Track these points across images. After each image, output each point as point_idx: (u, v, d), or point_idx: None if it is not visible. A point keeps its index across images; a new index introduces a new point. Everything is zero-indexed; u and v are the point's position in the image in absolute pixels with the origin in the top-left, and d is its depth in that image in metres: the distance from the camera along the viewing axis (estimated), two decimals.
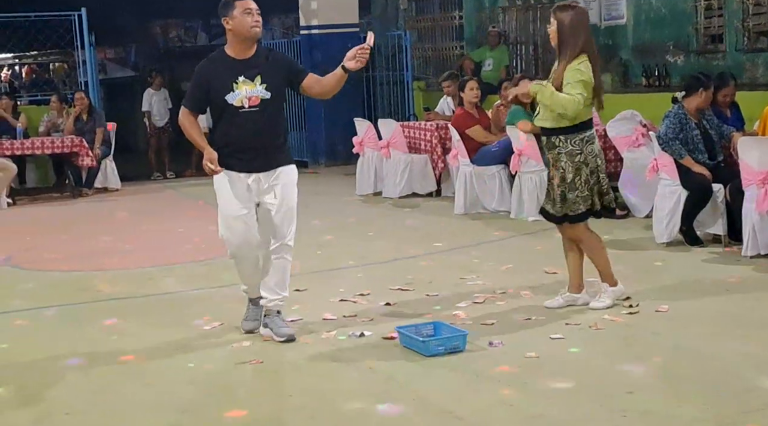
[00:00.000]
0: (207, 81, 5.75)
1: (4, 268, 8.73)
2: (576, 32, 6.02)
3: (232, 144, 5.74)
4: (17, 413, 4.84)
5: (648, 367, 5.06)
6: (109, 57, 23.31)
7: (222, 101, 5.69)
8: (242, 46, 5.74)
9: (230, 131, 5.75)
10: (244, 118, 5.69)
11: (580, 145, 6.07)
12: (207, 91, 5.75)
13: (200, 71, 5.80)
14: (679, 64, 11.91)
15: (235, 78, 5.67)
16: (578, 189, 6.11)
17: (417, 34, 17.43)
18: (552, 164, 6.20)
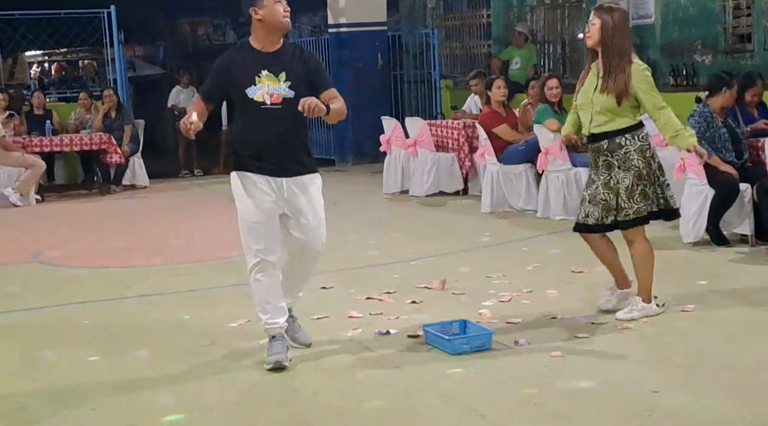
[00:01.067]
0: (227, 71, 5.37)
1: (33, 264, 8.81)
2: (624, 34, 5.93)
3: (250, 144, 5.34)
4: (44, 410, 4.89)
5: (673, 367, 5.06)
6: (137, 54, 23.43)
7: (242, 95, 5.28)
8: (270, 37, 5.34)
9: (248, 129, 5.33)
10: (265, 115, 5.27)
11: (647, 139, 5.99)
12: (224, 81, 5.37)
13: (221, 60, 5.43)
14: (707, 64, 11.84)
15: (258, 71, 5.27)
16: (654, 183, 5.98)
17: (445, 32, 17.43)
18: (618, 167, 5.93)
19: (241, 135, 5.41)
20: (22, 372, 5.51)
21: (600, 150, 5.99)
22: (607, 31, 5.87)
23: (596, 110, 5.94)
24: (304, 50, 5.62)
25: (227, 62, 5.41)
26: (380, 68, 16.12)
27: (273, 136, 5.30)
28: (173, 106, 16.54)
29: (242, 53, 5.43)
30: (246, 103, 5.30)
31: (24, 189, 12.80)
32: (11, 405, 4.96)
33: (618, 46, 5.88)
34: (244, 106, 5.33)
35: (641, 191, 5.93)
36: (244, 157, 5.38)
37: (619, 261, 6.24)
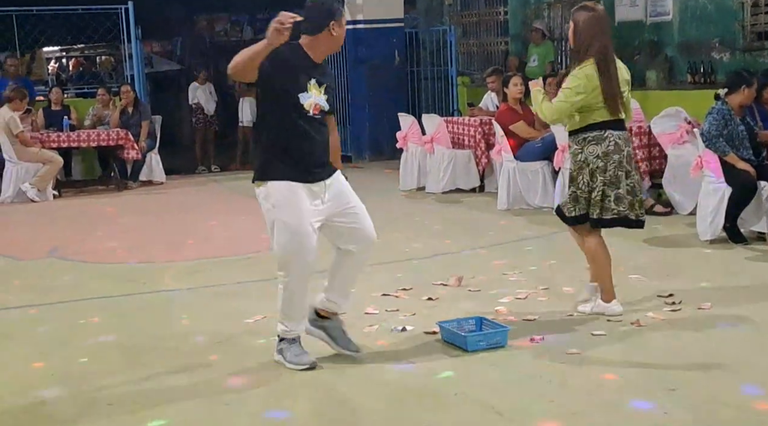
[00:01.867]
0: (285, 67, 5.16)
1: (50, 259, 8.85)
2: (589, 35, 5.93)
3: (298, 152, 5.20)
4: (63, 404, 4.91)
5: (690, 365, 5.05)
6: (155, 50, 23.50)
7: (293, 98, 5.17)
8: (326, 52, 5.37)
9: (296, 136, 5.20)
10: (312, 124, 5.21)
11: (582, 145, 5.99)
12: (277, 72, 5.12)
13: (281, 54, 5.08)
14: (724, 61, 11.81)
15: (309, 79, 5.21)
16: (579, 188, 6.04)
17: (462, 29, 17.42)
18: (578, 166, 6.06)
19: (287, 143, 5.22)
20: (40, 366, 5.54)
21: (570, 148, 6.14)
22: (577, 31, 5.98)
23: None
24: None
25: (286, 58, 5.17)
26: (397, 65, 16.14)
27: (320, 146, 5.29)
28: (196, 104, 16.57)
29: (297, 56, 5.27)
30: (295, 109, 5.19)
31: (41, 184, 12.86)
32: (32, 399, 4.99)
33: (584, 47, 5.95)
34: (290, 110, 5.20)
35: (571, 192, 6.07)
36: (288, 165, 5.21)
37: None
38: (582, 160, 5.99)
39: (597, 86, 5.88)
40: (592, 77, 5.87)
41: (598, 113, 5.95)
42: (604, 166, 5.94)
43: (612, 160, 5.94)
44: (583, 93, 5.87)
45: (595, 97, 5.90)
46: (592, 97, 5.90)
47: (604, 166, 5.94)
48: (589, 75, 5.88)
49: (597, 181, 5.96)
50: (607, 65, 5.92)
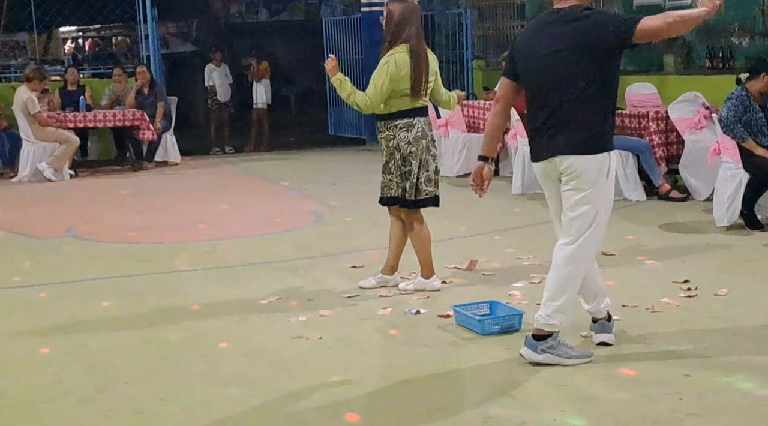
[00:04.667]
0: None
1: (66, 238, 8.87)
2: (403, 24, 6.23)
3: (612, 121, 4.97)
4: (80, 382, 4.94)
5: (705, 351, 5.03)
6: (170, 31, 23.47)
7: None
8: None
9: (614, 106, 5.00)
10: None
11: (394, 131, 6.31)
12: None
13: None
14: (744, 46, 11.73)
15: None
16: (392, 173, 6.40)
17: (478, 12, 17.33)
18: (384, 148, 6.44)
19: (612, 113, 4.96)
20: (56, 345, 5.56)
21: (381, 133, 6.44)
22: (390, 21, 6.27)
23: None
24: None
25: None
26: None
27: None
28: (212, 86, 16.57)
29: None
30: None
31: (58, 164, 12.90)
32: (49, 377, 5.01)
33: (395, 35, 6.25)
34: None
35: (382, 177, 6.48)
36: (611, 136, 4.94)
37: (397, 245, 6.63)
38: (394, 147, 6.34)
39: (408, 73, 6.17)
40: (405, 64, 6.17)
41: (404, 101, 6.26)
42: (416, 151, 6.31)
43: (421, 145, 6.32)
44: (393, 80, 6.16)
45: (404, 83, 6.19)
46: (401, 83, 6.19)
47: (416, 151, 6.31)
48: (400, 61, 6.18)
49: (411, 165, 6.33)
50: (418, 52, 6.22)
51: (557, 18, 4.86)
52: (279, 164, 14.33)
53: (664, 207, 9.16)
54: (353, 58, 16.08)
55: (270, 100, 16.62)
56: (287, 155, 15.52)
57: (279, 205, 10.37)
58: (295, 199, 10.90)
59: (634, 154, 9.67)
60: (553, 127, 4.84)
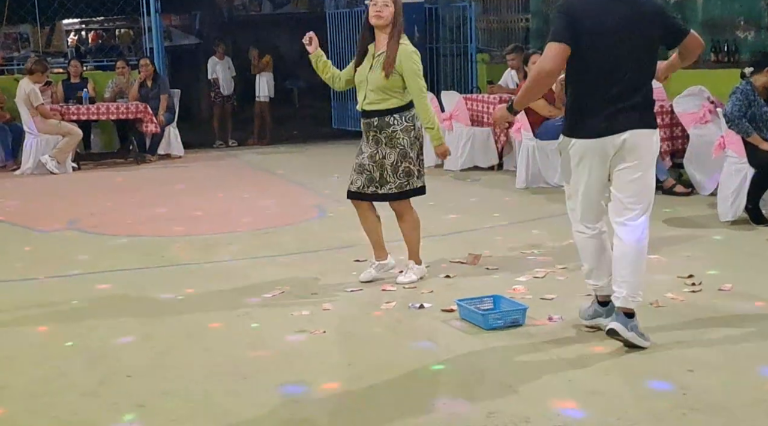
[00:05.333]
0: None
1: (69, 231, 8.87)
2: (401, 16, 6.42)
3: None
4: (82, 375, 4.92)
5: (709, 346, 5.01)
6: (174, 24, 23.46)
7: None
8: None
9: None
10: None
11: (413, 121, 6.39)
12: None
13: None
14: (749, 40, 11.69)
15: None
16: (418, 163, 6.46)
17: (482, 5, 17.29)
18: (385, 144, 6.38)
19: None
20: (59, 338, 5.55)
21: (370, 126, 6.41)
22: (399, 11, 6.38)
23: (370, 89, 6.36)
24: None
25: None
26: (416, 41, 16.04)
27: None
28: (215, 79, 16.57)
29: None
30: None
31: (61, 157, 12.90)
32: (52, 369, 5.00)
33: (400, 28, 6.35)
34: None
35: (405, 168, 6.40)
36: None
37: (380, 233, 6.67)
38: (415, 136, 6.41)
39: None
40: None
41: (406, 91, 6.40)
42: (422, 139, 6.49)
43: (421, 134, 6.47)
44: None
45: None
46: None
47: (422, 140, 6.49)
48: (417, 52, 6.40)
49: (422, 154, 6.50)
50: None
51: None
52: (282, 157, 14.33)
53: (668, 201, 9.14)
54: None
55: (273, 94, 16.62)
56: (290, 148, 15.51)
57: (282, 199, 10.36)
58: (298, 193, 10.88)
59: None
60: (625, 103, 4.94)
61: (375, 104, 6.38)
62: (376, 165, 6.43)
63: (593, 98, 4.99)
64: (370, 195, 6.51)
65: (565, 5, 5.06)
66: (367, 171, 6.45)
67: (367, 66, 6.40)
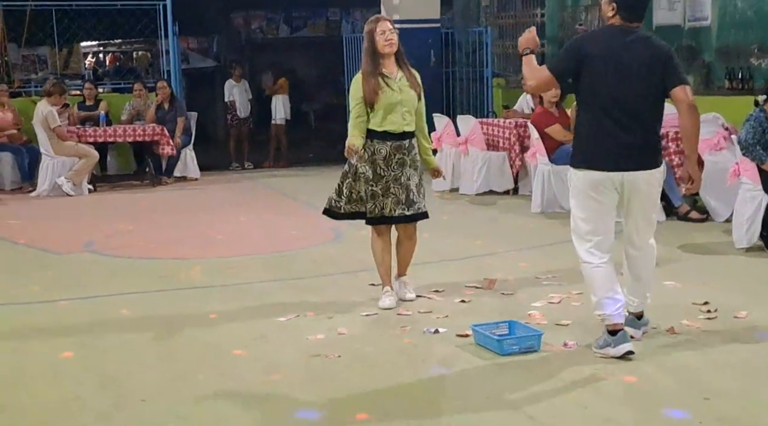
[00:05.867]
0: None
1: (85, 254, 8.90)
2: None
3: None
4: (97, 398, 4.94)
5: (724, 374, 5.01)
6: (191, 47, 23.58)
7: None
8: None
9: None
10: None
11: (415, 145, 6.61)
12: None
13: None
14: (763, 68, 11.69)
15: None
16: (418, 185, 6.59)
17: (498, 30, 17.36)
18: (410, 165, 6.51)
19: None
20: (74, 360, 5.58)
21: (401, 148, 6.48)
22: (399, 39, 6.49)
23: (407, 110, 6.47)
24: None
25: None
26: (432, 65, 16.10)
27: None
28: (231, 102, 16.65)
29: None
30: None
31: (77, 178, 12.95)
32: (67, 392, 5.02)
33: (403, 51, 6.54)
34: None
35: (423, 189, 6.64)
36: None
37: (390, 258, 6.81)
38: (419, 162, 6.60)
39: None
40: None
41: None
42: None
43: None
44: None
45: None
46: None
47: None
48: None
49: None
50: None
51: (639, 38, 5.29)
52: (298, 180, 14.36)
53: (683, 227, 9.13)
54: None
55: (289, 116, 16.66)
56: (306, 171, 15.53)
57: (298, 222, 10.37)
58: (314, 216, 10.87)
59: None
60: (635, 142, 5.23)
61: (410, 126, 6.51)
62: (402, 187, 6.48)
63: (596, 131, 5.26)
64: (399, 217, 6.56)
65: (579, 40, 5.44)
66: (392, 194, 6.49)
67: (396, 89, 6.43)
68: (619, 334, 5.27)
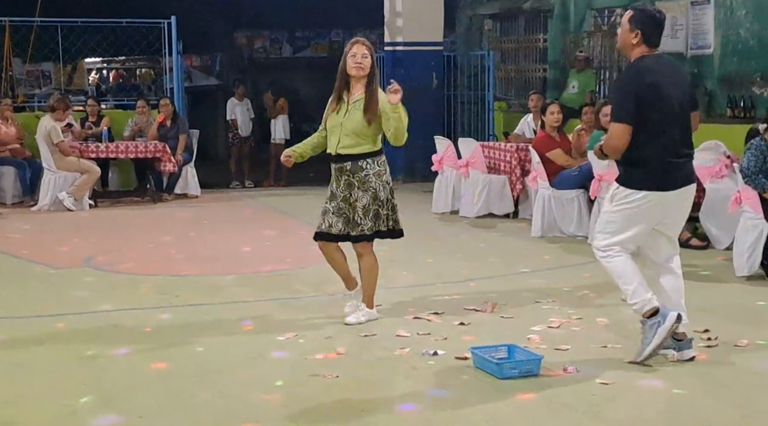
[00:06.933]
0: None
1: (85, 269, 8.89)
2: (375, 65, 6.67)
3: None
4: (94, 415, 4.92)
5: (725, 402, 5.00)
6: (194, 65, 23.65)
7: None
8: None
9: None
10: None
11: (384, 166, 6.66)
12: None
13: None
14: (765, 96, 11.73)
15: None
16: (386, 205, 6.63)
17: (500, 54, 17.43)
18: (358, 187, 6.56)
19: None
20: (71, 375, 5.56)
21: (343, 170, 6.61)
22: (374, 64, 6.59)
23: (344, 133, 6.57)
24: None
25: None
26: (434, 88, 16.16)
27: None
28: (233, 120, 16.71)
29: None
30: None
31: (78, 194, 12.96)
32: (64, 408, 5.01)
33: (377, 75, 6.65)
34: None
35: (375, 210, 6.59)
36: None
37: (347, 265, 6.92)
38: (386, 181, 6.64)
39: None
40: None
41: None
42: (392, 185, 6.75)
43: (390, 179, 6.74)
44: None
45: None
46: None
47: (392, 185, 6.74)
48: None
49: (393, 198, 6.70)
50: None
51: (671, 62, 5.92)
52: (298, 199, 14.36)
53: (683, 254, 9.00)
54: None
55: (288, 136, 16.68)
56: (306, 190, 15.52)
57: (297, 241, 10.36)
58: None
59: None
60: (686, 160, 5.70)
61: (348, 148, 6.58)
62: (350, 207, 6.60)
63: (664, 155, 5.56)
64: (344, 236, 6.68)
65: (630, 81, 5.63)
66: (344, 214, 6.63)
67: (343, 112, 6.59)
68: (661, 312, 5.56)
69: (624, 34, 5.61)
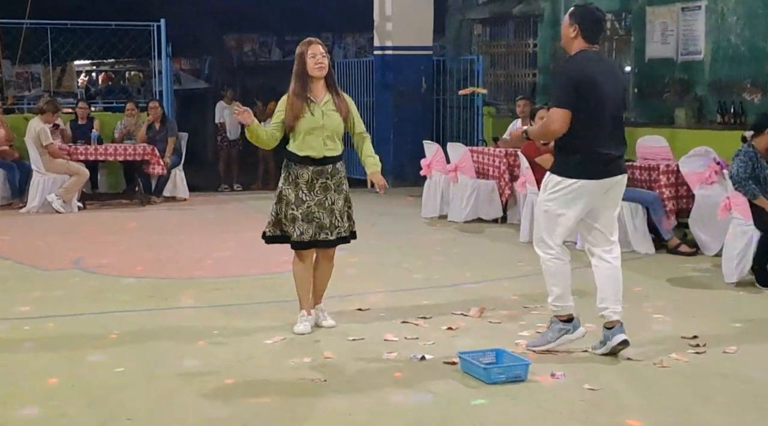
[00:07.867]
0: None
1: (74, 271, 8.86)
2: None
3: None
4: (83, 416, 4.91)
5: (713, 409, 5.00)
6: (183, 68, 23.62)
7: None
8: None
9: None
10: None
11: (345, 171, 6.69)
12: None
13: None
14: (755, 103, 11.76)
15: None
16: (351, 207, 6.72)
17: (490, 59, 17.43)
18: (334, 190, 6.55)
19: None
20: (61, 378, 5.54)
21: (322, 173, 6.51)
22: (330, 64, 6.60)
23: (327, 135, 6.51)
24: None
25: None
26: (424, 92, 16.15)
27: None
28: (222, 123, 16.70)
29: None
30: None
31: (67, 196, 12.91)
32: (53, 410, 4.99)
33: (333, 74, 6.69)
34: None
35: (348, 213, 6.67)
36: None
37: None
38: (345, 184, 6.66)
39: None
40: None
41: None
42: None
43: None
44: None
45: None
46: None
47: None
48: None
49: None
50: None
51: (611, 63, 6.31)
52: None
53: (672, 261, 9.14)
54: (365, 100, 16.16)
55: None
56: None
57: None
58: None
59: (644, 206, 9.65)
60: (619, 152, 5.90)
61: (332, 151, 6.54)
62: (326, 211, 6.50)
63: (596, 145, 5.76)
64: (322, 242, 6.55)
65: (569, 71, 5.87)
66: (316, 218, 6.48)
67: (318, 113, 6.47)
68: (575, 321, 6.00)
69: (564, 29, 5.92)
